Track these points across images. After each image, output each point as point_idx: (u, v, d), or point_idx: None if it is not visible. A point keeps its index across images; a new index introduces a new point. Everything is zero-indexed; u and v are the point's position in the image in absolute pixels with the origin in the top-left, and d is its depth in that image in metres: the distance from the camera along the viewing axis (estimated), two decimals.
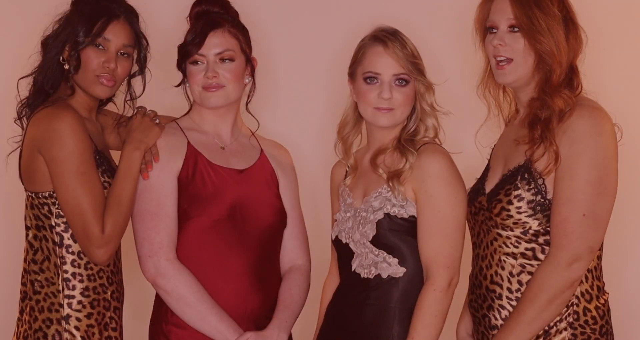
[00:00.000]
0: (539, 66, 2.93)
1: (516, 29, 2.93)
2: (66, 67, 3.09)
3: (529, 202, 2.90)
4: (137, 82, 3.24)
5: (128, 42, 3.13)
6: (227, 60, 3.14)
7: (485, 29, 3.02)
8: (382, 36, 3.06)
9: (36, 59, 3.16)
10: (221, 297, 3.09)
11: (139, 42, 3.18)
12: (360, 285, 3.05)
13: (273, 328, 3.11)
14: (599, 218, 2.85)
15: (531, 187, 2.90)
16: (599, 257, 2.96)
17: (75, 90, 3.11)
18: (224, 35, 3.14)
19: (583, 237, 2.84)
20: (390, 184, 3.02)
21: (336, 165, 3.27)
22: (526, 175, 2.91)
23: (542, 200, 2.90)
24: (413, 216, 3.01)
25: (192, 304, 3.06)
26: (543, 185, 2.89)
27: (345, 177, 3.20)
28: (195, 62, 3.14)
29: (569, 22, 2.94)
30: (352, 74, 3.13)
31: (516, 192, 2.92)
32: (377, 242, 3.02)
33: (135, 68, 3.22)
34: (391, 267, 3.02)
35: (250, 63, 3.22)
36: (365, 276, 3.05)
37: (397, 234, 3.01)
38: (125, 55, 3.14)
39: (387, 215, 3.02)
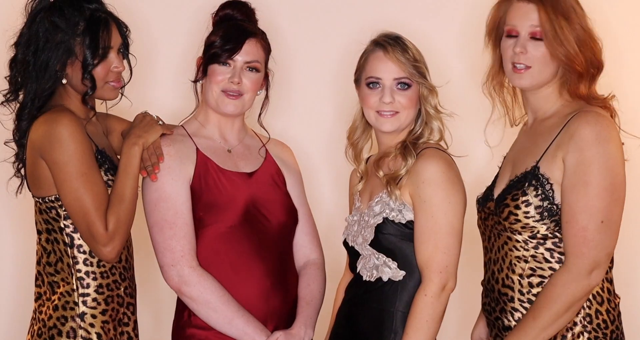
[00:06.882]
0: (562, 73, 2.94)
1: (538, 37, 2.92)
2: (64, 81, 3.08)
3: (536, 207, 2.90)
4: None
5: (121, 41, 3.14)
6: (253, 70, 3.18)
7: (499, 31, 3.00)
8: (383, 41, 3.09)
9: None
10: (244, 299, 3.13)
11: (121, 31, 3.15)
12: (363, 287, 3.09)
13: (300, 326, 3.16)
14: (614, 224, 2.85)
15: (539, 193, 2.90)
16: (611, 261, 2.96)
17: (70, 95, 3.11)
18: (256, 45, 3.19)
19: (602, 244, 2.84)
20: (388, 187, 3.04)
21: (354, 170, 3.29)
22: (534, 182, 2.91)
23: (549, 205, 2.90)
24: (411, 221, 3.02)
25: (218, 308, 3.09)
26: (550, 191, 2.89)
27: (359, 182, 3.22)
28: (225, 64, 3.17)
29: (586, 32, 2.92)
30: (357, 81, 3.16)
31: (524, 198, 2.91)
32: (376, 245, 3.06)
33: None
34: (391, 271, 3.04)
35: (266, 78, 3.26)
36: (367, 279, 3.07)
37: (396, 239, 3.04)
38: (121, 52, 3.14)
39: (385, 219, 3.04)
